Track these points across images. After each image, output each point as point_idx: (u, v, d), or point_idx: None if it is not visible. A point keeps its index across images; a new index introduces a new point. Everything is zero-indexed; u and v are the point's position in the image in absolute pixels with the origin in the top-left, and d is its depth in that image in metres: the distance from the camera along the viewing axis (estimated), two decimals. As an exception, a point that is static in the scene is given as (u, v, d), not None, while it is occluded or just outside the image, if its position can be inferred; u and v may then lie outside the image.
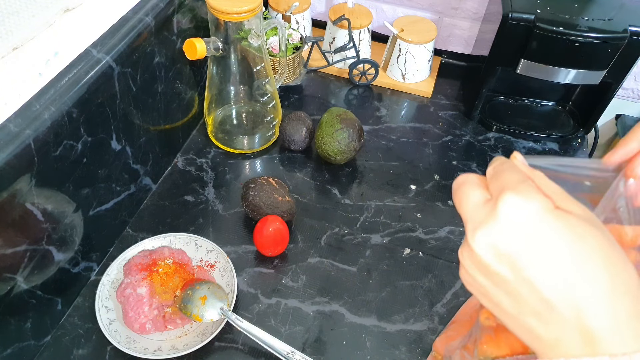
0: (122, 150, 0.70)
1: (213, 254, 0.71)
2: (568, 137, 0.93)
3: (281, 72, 0.93)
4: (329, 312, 0.68)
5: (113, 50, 0.63)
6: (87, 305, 0.67)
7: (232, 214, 0.79)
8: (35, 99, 0.55)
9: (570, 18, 0.77)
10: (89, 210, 0.66)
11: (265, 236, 0.70)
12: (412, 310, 0.69)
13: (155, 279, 0.65)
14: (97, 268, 0.71)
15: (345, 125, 0.80)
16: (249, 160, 0.87)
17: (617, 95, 0.98)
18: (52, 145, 0.56)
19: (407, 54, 0.97)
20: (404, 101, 1.00)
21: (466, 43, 1.05)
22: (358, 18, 0.98)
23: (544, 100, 0.99)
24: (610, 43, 0.77)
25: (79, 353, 0.63)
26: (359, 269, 0.73)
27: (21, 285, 0.57)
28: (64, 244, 0.62)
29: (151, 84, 0.73)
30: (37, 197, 0.56)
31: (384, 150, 0.90)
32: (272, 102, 0.87)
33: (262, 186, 0.74)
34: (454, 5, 1.00)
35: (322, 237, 0.76)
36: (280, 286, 0.71)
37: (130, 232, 0.76)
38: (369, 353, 0.65)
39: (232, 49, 0.77)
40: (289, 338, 0.65)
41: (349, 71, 1.00)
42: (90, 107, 0.61)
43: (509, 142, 0.93)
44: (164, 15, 0.71)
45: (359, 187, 0.84)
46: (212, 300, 0.63)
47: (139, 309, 0.63)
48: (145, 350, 0.61)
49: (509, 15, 0.78)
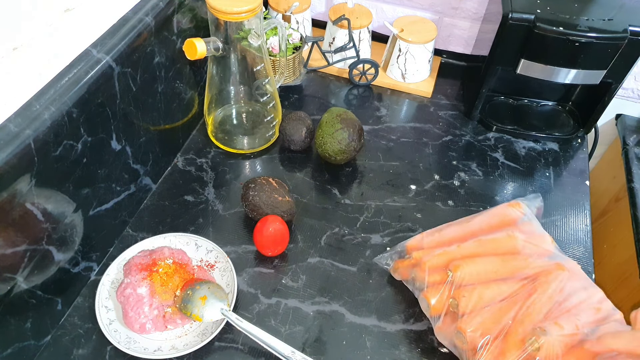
0: (122, 150, 0.70)
1: (213, 254, 0.71)
2: (568, 137, 0.93)
3: (281, 72, 0.93)
4: (329, 312, 0.68)
5: (113, 50, 0.63)
6: (87, 305, 0.67)
7: (232, 214, 0.79)
8: (35, 99, 0.55)
9: (570, 18, 0.77)
10: (89, 210, 0.66)
11: (265, 236, 0.70)
12: (412, 310, 0.69)
13: (155, 279, 0.65)
14: (97, 268, 0.71)
15: (345, 125, 0.80)
16: (249, 160, 0.87)
17: (617, 95, 0.98)
18: (52, 145, 0.56)
19: (407, 54, 0.97)
20: (404, 101, 1.00)
21: (466, 43, 1.05)
22: (358, 18, 0.98)
23: (544, 100, 0.99)
24: (610, 43, 0.77)
25: (79, 353, 0.63)
26: (359, 269, 0.73)
27: (21, 285, 0.57)
28: (64, 244, 0.62)
29: (151, 84, 0.73)
30: (37, 197, 0.56)
31: (384, 150, 0.90)
32: (272, 102, 0.87)
33: (262, 186, 0.74)
34: (454, 5, 1.00)
35: (322, 237, 0.76)
36: (280, 286, 0.71)
37: (130, 232, 0.76)
38: (369, 353, 0.65)
39: (232, 49, 0.77)
40: (289, 338, 0.65)
41: (349, 71, 1.00)
42: (90, 107, 0.61)
43: (509, 142, 0.93)
44: (164, 15, 0.71)
45: (359, 187, 0.84)
46: (212, 300, 0.63)
47: (139, 309, 0.63)
48: (145, 350, 0.61)
49: (509, 15, 0.78)
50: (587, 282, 0.63)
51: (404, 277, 0.69)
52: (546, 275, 0.60)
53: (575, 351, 0.56)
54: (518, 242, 0.65)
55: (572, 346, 0.56)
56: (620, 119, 1.05)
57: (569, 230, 0.80)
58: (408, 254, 0.70)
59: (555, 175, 0.88)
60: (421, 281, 0.65)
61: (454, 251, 0.66)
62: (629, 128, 1.04)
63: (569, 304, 0.59)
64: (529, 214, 0.69)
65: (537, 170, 0.88)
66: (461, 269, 0.62)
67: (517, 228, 0.67)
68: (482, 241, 0.66)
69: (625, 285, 0.94)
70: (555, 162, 0.90)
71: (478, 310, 0.60)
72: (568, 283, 0.60)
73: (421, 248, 0.69)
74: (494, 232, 0.67)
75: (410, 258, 0.68)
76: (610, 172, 1.08)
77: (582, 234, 0.79)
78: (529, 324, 0.57)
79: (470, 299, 0.61)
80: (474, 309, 0.60)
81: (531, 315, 0.58)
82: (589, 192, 0.86)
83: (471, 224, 0.69)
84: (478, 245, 0.66)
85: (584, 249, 0.77)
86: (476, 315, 0.60)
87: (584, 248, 0.77)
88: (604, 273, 1.01)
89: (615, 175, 1.05)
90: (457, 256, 0.65)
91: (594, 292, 0.62)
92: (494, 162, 0.89)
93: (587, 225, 0.81)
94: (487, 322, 0.59)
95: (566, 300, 0.59)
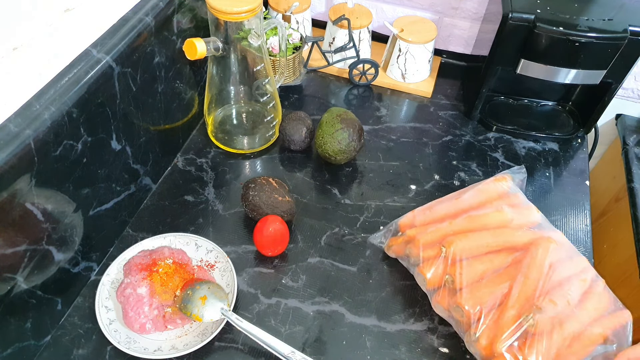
0: (122, 150, 0.70)
1: (213, 253, 0.71)
2: (568, 137, 0.93)
3: (281, 72, 0.93)
4: (329, 312, 0.68)
5: (113, 50, 0.63)
6: (87, 305, 0.67)
7: (232, 214, 0.79)
8: (35, 99, 0.55)
9: (570, 18, 0.77)
10: (89, 210, 0.66)
11: (265, 236, 0.70)
12: (412, 310, 0.69)
13: (155, 279, 0.65)
14: (97, 268, 0.71)
15: (345, 125, 0.80)
16: (249, 160, 0.87)
17: (617, 95, 0.98)
18: (52, 145, 0.56)
19: (407, 54, 0.97)
20: (404, 101, 1.00)
21: (466, 43, 1.05)
22: (358, 18, 0.98)
23: (544, 100, 0.99)
24: (610, 43, 0.77)
25: (79, 353, 0.63)
26: (359, 269, 0.73)
27: (21, 285, 0.57)
28: (64, 244, 0.62)
29: (151, 84, 0.73)
30: (37, 197, 0.56)
31: (384, 150, 0.90)
32: (272, 102, 0.87)
33: (262, 186, 0.74)
34: (454, 5, 1.00)
35: (322, 237, 0.76)
36: (280, 286, 0.71)
37: (130, 232, 0.76)
38: (369, 353, 0.65)
39: (232, 49, 0.77)
40: (289, 338, 0.65)
41: (349, 71, 1.00)
42: (90, 107, 0.61)
43: (509, 142, 0.93)
44: (164, 15, 0.71)
45: (359, 187, 0.84)
46: (212, 300, 0.63)
47: (139, 309, 0.63)
48: (145, 350, 0.61)
49: (509, 15, 0.78)
50: (572, 251, 0.66)
51: (398, 254, 0.72)
52: (536, 248, 0.64)
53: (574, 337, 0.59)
54: (507, 215, 0.68)
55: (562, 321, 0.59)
56: (620, 119, 1.05)
57: (569, 230, 0.80)
58: (401, 232, 0.72)
59: (555, 175, 0.88)
60: (416, 257, 0.68)
61: (446, 228, 0.68)
62: (629, 128, 1.04)
63: (558, 276, 0.62)
64: (514, 187, 0.73)
65: (537, 170, 0.88)
66: (454, 244, 0.65)
67: (504, 202, 0.70)
68: (472, 217, 0.69)
69: (625, 285, 0.94)
70: (555, 162, 0.90)
71: (473, 284, 0.64)
72: (556, 254, 0.64)
73: (414, 225, 0.72)
74: (484, 207, 0.70)
75: (404, 235, 0.71)
76: (610, 172, 1.08)
77: (582, 234, 0.79)
78: (523, 297, 0.61)
79: (465, 274, 0.64)
80: (469, 283, 0.64)
81: (524, 288, 0.61)
82: (589, 192, 0.86)
83: (461, 201, 0.72)
84: (469, 222, 0.68)
85: (584, 249, 0.77)
86: (472, 289, 0.63)
87: (584, 248, 0.77)
88: (604, 273, 1.01)
89: (615, 175, 1.05)
90: (449, 232, 0.68)
91: (578, 261, 0.66)
92: (494, 162, 0.89)
93: (587, 225, 0.81)
94: (483, 296, 0.62)
95: (555, 272, 0.63)
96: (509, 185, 0.72)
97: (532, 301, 0.60)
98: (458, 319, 0.63)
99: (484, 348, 0.60)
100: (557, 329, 0.59)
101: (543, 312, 0.59)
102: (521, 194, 0.72)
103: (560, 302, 0.60)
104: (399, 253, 0.71)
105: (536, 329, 0.58)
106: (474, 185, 0.73)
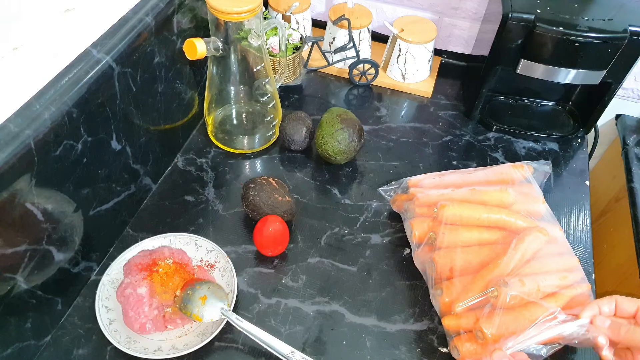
0: (122, 150, 0.70)
1: (213, 253, 0.71)
2: (568, 137, 0.93)
3: (281, 72, 0.93)
4: (329, 312, 0.68)
5: (113, 50, 0.63)
6: (87, 305, 0.67)
7: (232, 214, 0.79)
8: (35, 99, 0.55)
9: (570, 18, 0.77)
10: (89, 210, 0.66)
11: (265, 236, 0.70)
12: (412, 310, 0.69)
13: (155, 279, 0.65)
14: (97, 268, 0.71)
15: (345, 125, 0.80)
16: (249, 160, 0.87)
17: (617, 95, 0.98)
18: (52, 145, 0.56)
19: (407, 54, 0.97)
20: (404, 101, 1.00)
21: (466, 43, 1.05)
22: (358, 18, 0.98)
23: (544, 100, 0.99)
24: (610, 43, 0.77)
25: (79, 353, 0.63)
26: (359, 269, 0.73)
27: (21, 285, 0.57)
28: (64, 244, 0.62)
29: (151, 84, 0.73)
30: (37, 197, 0.56)
31: (384, 150, 0.90)
32: (272, 102, 0.87)
33: (262, 186, 0.74)
34: (454, 5, 1.00)
35: (322, 237, 0.76)
36: (280, 286, 0.71)
37: (130, 232, 0.76)
38: (369, 353, 0.65)
39: (232, 49, 0.77)
40: (289, 338, 0.65)
41: (349, 71, 1.00)
42: (90, 107, 0.61)
43: (509, 142, 0.93)
44: (164, 15, 0.71)
45: (359, 187, 0.84)
46: (212, 300, 0.63)
47: (139, 309, 0.63)
48: (145, 350, 0.61)
49: (509, 15, 0.78)
50: (565, 250, 0.67)
51: (399, 209, 0.77)
52: (526, 233, 0.64)
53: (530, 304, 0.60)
54: (509, 197, 0.69)
55: (527, 302, 0.60)
56: (620, 119, 1.05)
57: (569, 230, 0.80)
58: (409, 189, 0.76)
59: (555, 175, 0.88)
60: (412, 212, 0.72)
61: (447, 194, 0.71)
62: (629, 128, 1.04)
63: (539, 266, 0.63)
64: (530, 178, 0.73)
65: (537, 170, 0.88)
66: (446, 208, 0.67)
67: (513, 187, 0.71)
68: (475, 191, 0.71)
69: (625, 285, 0.94)
70: (555, 162, 0.90)
71: (452, 248, 0.66)
72: (546, 248, 0.64)
73: (420, 187, 0.75)
74: (490, 185, 0.72)
75: (408, 193, 0.75)
76: (610, 172, 1.08)
77: (582, 234, 0.79)
78: (497, 273, 0.62)
79: (448, 236, 0.66)
80: (449, 246, 0.66)
81: (500, 266, 0.63)
82: (589, 192, 0.86)
83: (472, 176, 0.74)
84: (471, 194, 0.70)
85: (584, 249, 0.77)
86: (450, 251, 0.66)
87: (584, 248, 0.77)
88: (604, 273, 1.01)
89: (615, 175, 1.05)
90: (448, 198, 0.70)
91: (568, 260, 0.66)
92: (494, 162, 0.89)
93: (587, 225, 0.81)
94: (457, 259, 0.65)
95: (538, 261, 0.63)
96: (525, 174, 0.73)
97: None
98: (430, 274, 0.67)
99: (444, 304, 0.64)
100: (518, 308, 0.59)
101: (509, 287, 0.59)
102: (536, 186, 0.73)
103: (529, 285, 0.60)
104: (400, 208, 0.76)
105: (497, 300, 0.59)
106: (492, 167, 0.76)
